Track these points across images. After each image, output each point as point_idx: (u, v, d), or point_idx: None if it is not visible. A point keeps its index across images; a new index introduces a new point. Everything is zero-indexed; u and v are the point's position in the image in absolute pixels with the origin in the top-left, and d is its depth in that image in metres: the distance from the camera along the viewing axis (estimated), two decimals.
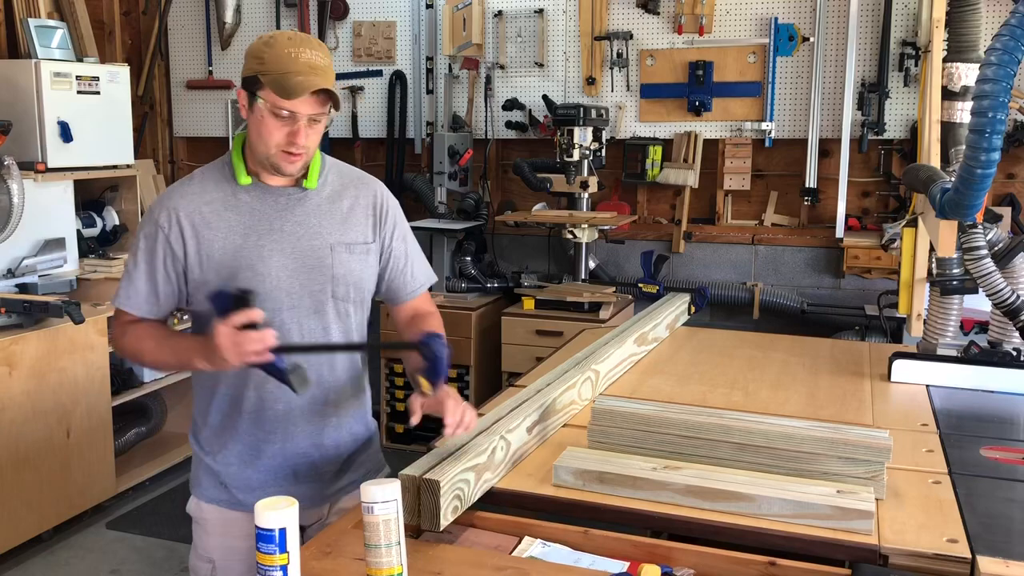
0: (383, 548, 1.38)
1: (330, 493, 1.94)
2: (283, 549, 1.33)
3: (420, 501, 1.54)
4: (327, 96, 1.73)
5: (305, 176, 1.84)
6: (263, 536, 1.33)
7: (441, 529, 1.55)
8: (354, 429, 1.97)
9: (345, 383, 1.93)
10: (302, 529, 1.94)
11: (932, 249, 2.91)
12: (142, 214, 4.79)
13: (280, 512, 1.34)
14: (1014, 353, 2.48)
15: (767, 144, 4.64)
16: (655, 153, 4.71)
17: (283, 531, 1.33)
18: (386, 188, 2.01)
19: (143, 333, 1.83)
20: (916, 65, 4.29)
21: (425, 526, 1.55)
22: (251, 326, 1.63)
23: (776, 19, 4.52)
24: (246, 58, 1.76)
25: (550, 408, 2.02)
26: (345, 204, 1.89)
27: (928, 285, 2.96)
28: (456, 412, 1.69)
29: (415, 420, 1.70)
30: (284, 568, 1.34)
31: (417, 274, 2.00)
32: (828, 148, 4.58)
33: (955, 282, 2.82)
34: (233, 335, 1.62)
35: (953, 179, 2.34)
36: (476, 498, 1.68)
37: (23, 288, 3.85)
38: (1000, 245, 2.78)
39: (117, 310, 1.87)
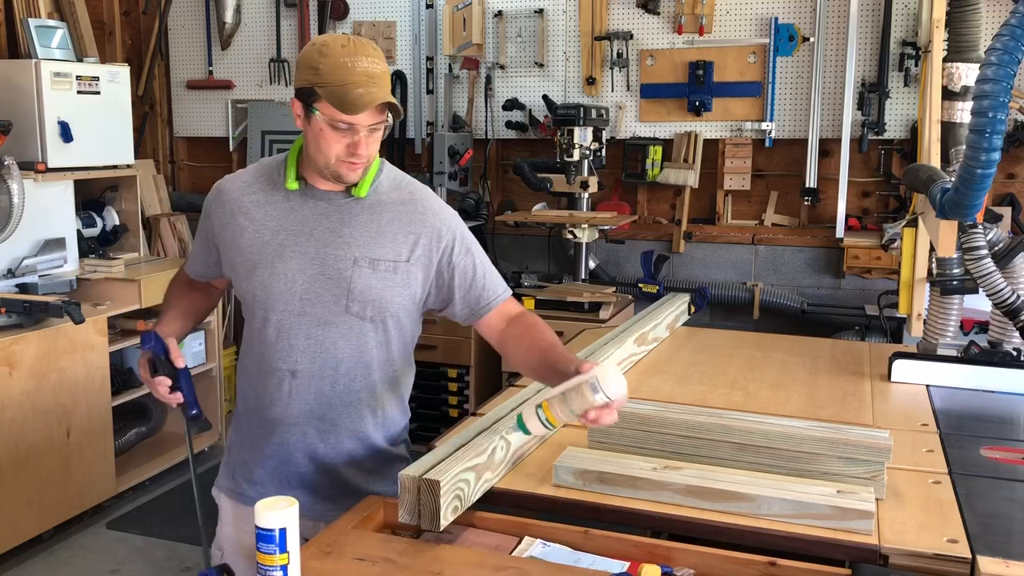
0: (568, 411, 1.52)
1: (324, 511, 1.85)
2: (283, 549, 1.33)
3: (420, 501, 1.54)
4: (387, 105, 1.69)
5: (356, 183, 1.78)
6: (263, 536, 1.33)
7: (441, 529, 1.55)
8: (355, 452, 1.88)
9: (350, 403, 1.85)
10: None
11: (932, 249, 2.91)
12: (142, 214, 4.80)
13: (280, 512, 1.33)
14: (1014, 353, 2.48)
15: (767, 144, 4.64)
16: (655, 153, 4.71)
17: (283, 531, 1.33)
18: (442, 204, 1.90)
19: (168, 292, 2.03)
20: (916, 65, 4.29)
21: (425, 526, 1.55)
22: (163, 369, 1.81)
23: (776, 19, 4.52)
24: (299, 67, 1.72)
25: None
26: (385, 217, 1.80)
27: (928, 285, 2.96)
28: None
29: None
30: (284, 568, 1.34)
31: (491, 288, 1.89)
32: (828, 148, 4.58)
33: (955, 282, 2.82)
34: (147, 378, 1.82)
35: (953, 179, 2.34)
36: (476, 498, 1.68)
37: (23, 288, 3.85)
38: (1000, 245, 2.78)
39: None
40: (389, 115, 1.72)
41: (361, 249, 1.78)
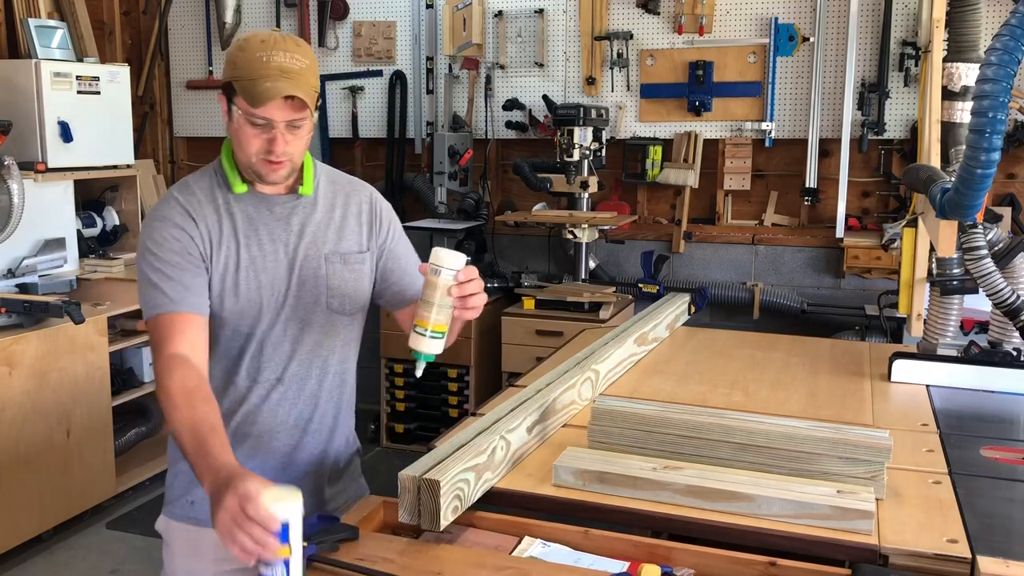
0: (435, 306, 1.59)
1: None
2: (285, 541, 1.29)
3: (420, 501, 1.54)
4: (302, 101, 1.65)
5: (300, 182, 1.78)
6: None
7: (441, 529, 1.55)
8: (334, 451, 1.91)
9: (335, 400, 1.88)
10: None
11: (932, 249, 2.91)
12: (142, 214, 4.80)
13: (284, 504, 1.30)
14: (1014, 353, 2.48)
15: (767, 144, 4.64)
16: (655, 153, 4.71)
17: (286, 525, 1.30)
18: (377, 192, 1.95)
19: (186, 391, 1.57)
20: (916, 65, 4.29)
21: (425, 526, 1.55)
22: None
23: (776, 19, 4.52)
24: (224, 64, 1.72)
25: (550, 408, 2.02)
26: (338, 213, 1.83)
27: (928, 285, 2.96)
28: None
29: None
30: (287, 562, 1.31)
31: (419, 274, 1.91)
32: (828, 148, 4.58)
33: (955, 282, 2.82)
34: (240, 513, 1.28)
35: (953, 179, 2.34)
36: (476, 498, 1.68)
37: (23, 288, 3.85)
38: (1000, 245, 2.78)
39: (153, 326, 1.64)
40: (314, 114, 1.70)
41: (329, 246, 1.80)
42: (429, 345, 1.64)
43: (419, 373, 1.74)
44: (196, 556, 1.81)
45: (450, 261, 1.59)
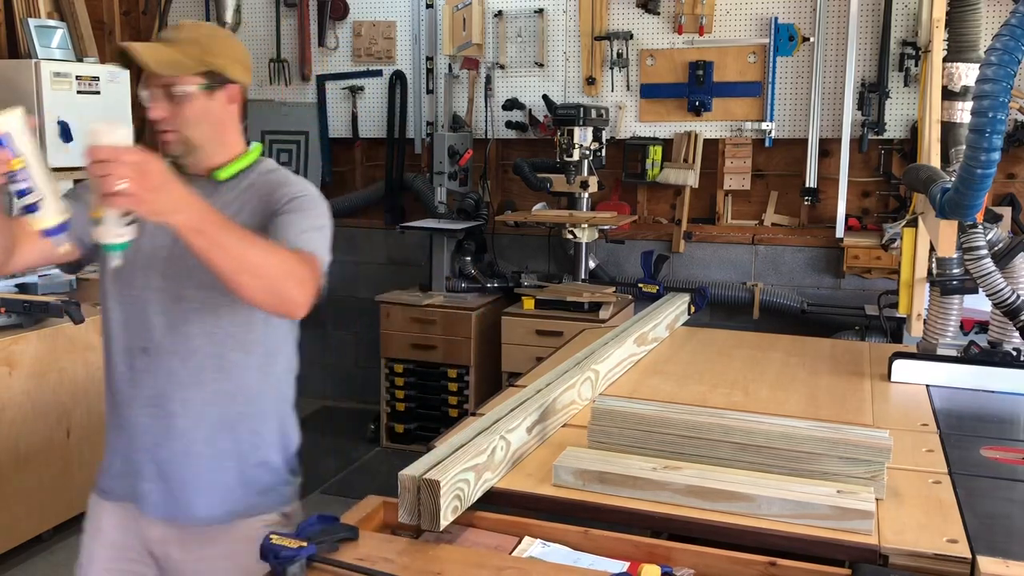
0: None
1: (182, 515, 1.82)
2: (14, 153, 1.44)
3: (420, 501, 1.54)
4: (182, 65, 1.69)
5: (220, 168, 1.79)
6: None
7: (441, 529, 1.55)
8: (193, 458, 1.82)
9: (192, 402, 1.79)
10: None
11: (932, 249, 2.91)
12: None
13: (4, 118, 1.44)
14: (1014, 353, 2.48)
15: (767, 144, 4.64)
16: (655, 153, 4.71)
17: (4, 137, 1.43)
18: (310, 188, 1.82)
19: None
20: (916, 65, 4.29)
21: (425, 526, 1.55)
22: None
23: (776, 19, 4.53)
24: None
25: (550, 408, 2.02)
26: (245, 197, 1.79)
27: (928, 285, 2.96)
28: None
29: None
30: (24, 171, 1.44)
31: (285, 228, 1.72)
32: (828, 148, 4.58)
33: (955, 282, 2.82)
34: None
35: (953, 179, 2.34)
36: (476, 498, 1.68)
37: (23, 288, 3.85)
38: (1000, 245, 2.78)
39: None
40: (202, 80, 1.71)
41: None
42: (110, 233, 1.45)
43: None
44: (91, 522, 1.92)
45: (104, 138, 1.41)
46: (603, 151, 4.67)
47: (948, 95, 3.01)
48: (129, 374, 1.80)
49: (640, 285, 3.19)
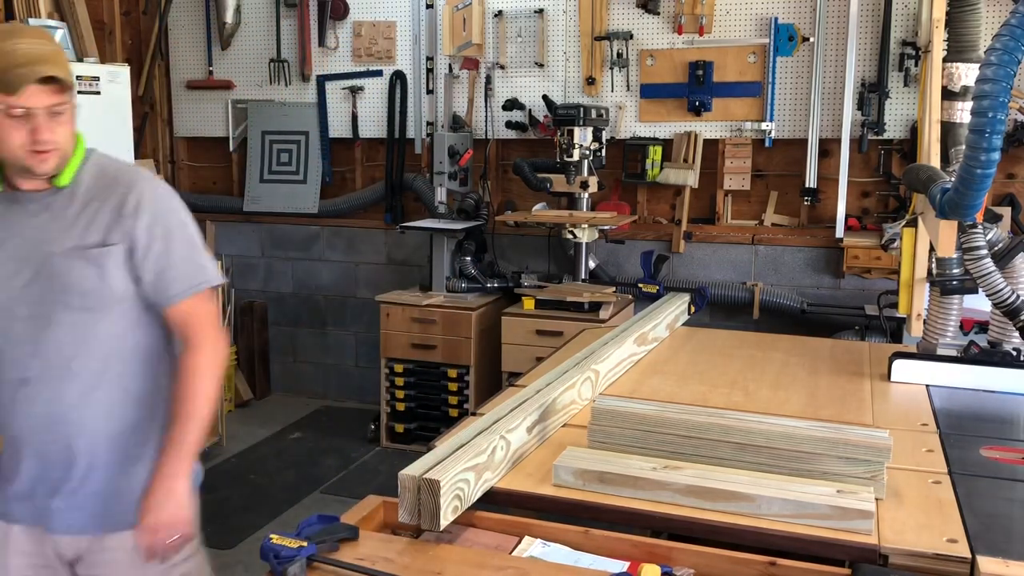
0: None
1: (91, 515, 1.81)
2: None
3: (420, 500, 1.54)
4: (59, 84, 1.66)
5: (58, 174, 1.74)
6: None
7: (441, 529, 1.55)
8: (113, 463, 1.82)
9: (96, 407, 1.79)
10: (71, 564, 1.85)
11: (932, 249, 2.91)
12: None
13: None
14: (1014, 353, 2.48)
15: (767, 144, 4.64)
16: (655, 153, 4.71)
17: None
18: (153, 184, 1.84)
19: None
20: (916, 65, 4.29)
21: (425, 526, 1.55)
22: None
23: (776, 19, 4.53)
24: None
25: (550, 408, 2.02)
26: (93, 205, 1.76)
27: (928, 285, 2.96)
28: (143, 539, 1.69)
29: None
30: None
31: (177, 277, 1.78)
32: (828, 148, 4.58)
33: (955, 282, 2.82)
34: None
35: (953, 179, 2.34)
36: (476, 498, 1.68)
37: None
38: (1000, 245, 2.78)
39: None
40: (73, 96, 1.70)
41: (72, 240, 1.73)
42: None
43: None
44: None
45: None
46: (603, 151, 4.67)
47: (948, 95, 3.01)
48: (13, 407, 1.77)
49: (640, 285, 3.19)
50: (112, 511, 1.81)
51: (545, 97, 4.80)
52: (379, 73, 5.22)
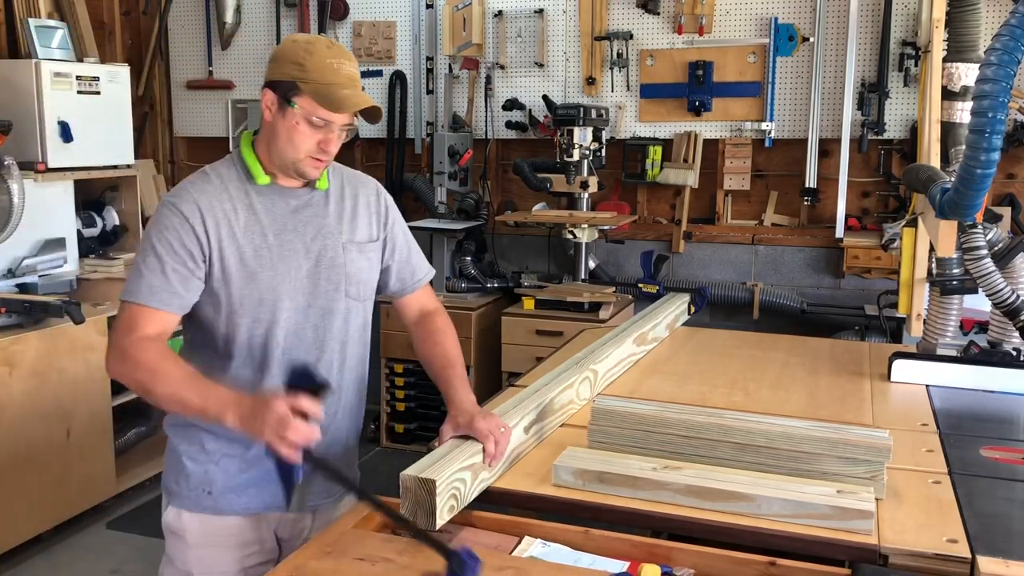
0: None
1: (313, 497, 1.88)
2: None
3: (418, 500, 1.54)
4: (370, 113, 1.77)
5: (315, 180, 1.86)
6: None
7: (437, 528, 1.55)
8: (347, 436, 2.00)
9: (353, 381, 1.97)
10: (280, 542, 1.92)
11: (932, 249, 2.91)
12: (142, 214, 4.79)
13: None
14: (1014, 353, 2.48)
15: (767, 144, 4.64)
16: (655, 153, 4.71)
17: None
18: (381, 185, 2.03)
19: (166, 357, 1.69)
20: (916, 65, 4.29)
21: (421, 525, 1.55)
22: (304, 417, 1.54)
23: (776, 19, 4.52)
24: (279, 61, 1.74)
25: (547, 408, 2.02)
26: (348, 204, 1.91)
27: (928, 285, 2.96)
28: (490, 441, 1.70)
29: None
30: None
31: (421, 265, 2.05)
32: (828, 148, 4.58)
33: (955, 282, 2.82)
34: (287, 416, 1.51)
35: (953, 179, 2.34)
36: (473, 497, 1.68)
37: (23, 288, 3.85)
38: (1000, 245, 2.78)
39: (132, 311, 1.72)
40: (355, 120, 1.78)
41: (345, 235, 1.88)
42: None
43: None
44: (215, 545, 1.85)
45: None
46: (603, 151, 4.66)
47: (948, 95, 3.01)
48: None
49: (640, 285, 3.19)
50: (309, 507, 1.91)
51: (545, 97, 4.80)
52: (379, 73, 5.22)
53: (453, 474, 1.58)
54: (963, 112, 2.95)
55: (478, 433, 1.70)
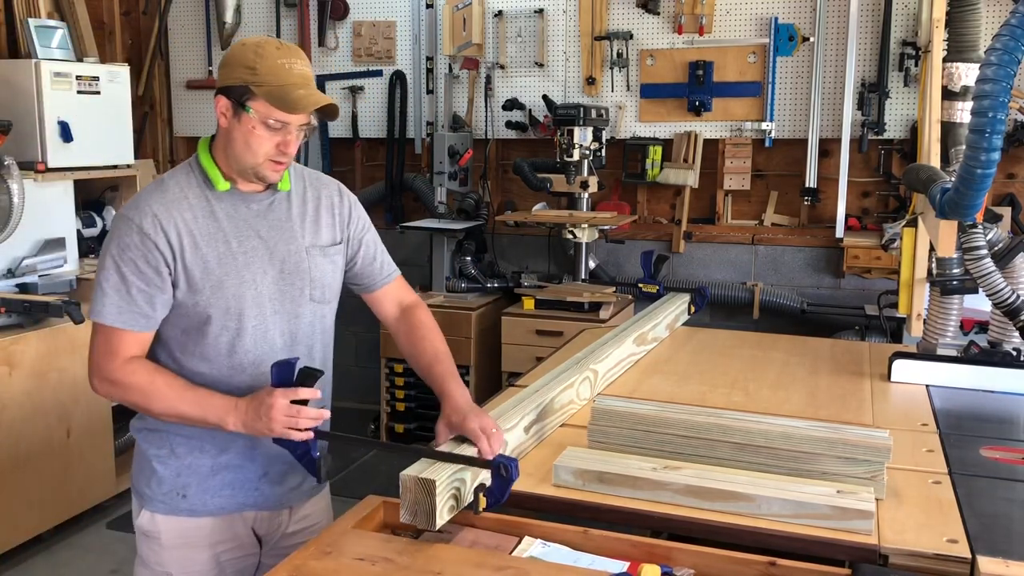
0: None
1: (287, 494, 1.92)
2: None
3: (417, 500, 1.54)
4: (326, 111, 1.75)
5: (275, 183, 1.84)
6: None
7: (437, 528, 1.55)
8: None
9: (321, 385, 1.93)
10: (260, 540, 1.92)
11: (932, 249, 2.91)
12: None
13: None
14: (1014, 353, 2.48)
15: (767, 144, 4.64)
16: (655, 153, 4.71)
17: None
18: (343, 185, 2.02)
19: (155, 374, 1.73)
20: (916, 65, 4.29)
21: (421, 525, 1.55)
22: (303, 403, 1.65)
23: (776, 19, 4.52)
24: (230, 66, 1.73)
25: (548, 408, 2.02)
26: (311, 206, 1.89)
27: (928, 285, 2.96)
28: (483, 441, 1.68)
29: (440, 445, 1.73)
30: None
31: (387, 262, 2.05)
32: (828, 148, 4.58)
33: (955, 282, 2.82)
34: (288, 407, 1.62)
35: (953, 179, 2.34)
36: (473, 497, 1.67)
37: (23, 288, 3.85)
38: (1000, 245, 2.78)
39: (106, 333, 1.72)
40: (313, 118, 1.76)
41: (308, 239, 1.87)
42: None
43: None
44: (191, 546, 1.85)
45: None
46: (603, 151, 4.66)
47: (948, 95, 3.01)
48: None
49: (640, 285, 3.19)
50: (283, 503, 1.95)
51: (545, 97, 4.80)
52: (379, 73, 5.22)
53: (453, 474, 1.58)
54: (963, 112, 2.95)
55: (470, 433, 1.70)
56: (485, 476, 1.65)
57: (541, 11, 4.85)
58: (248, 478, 1.86)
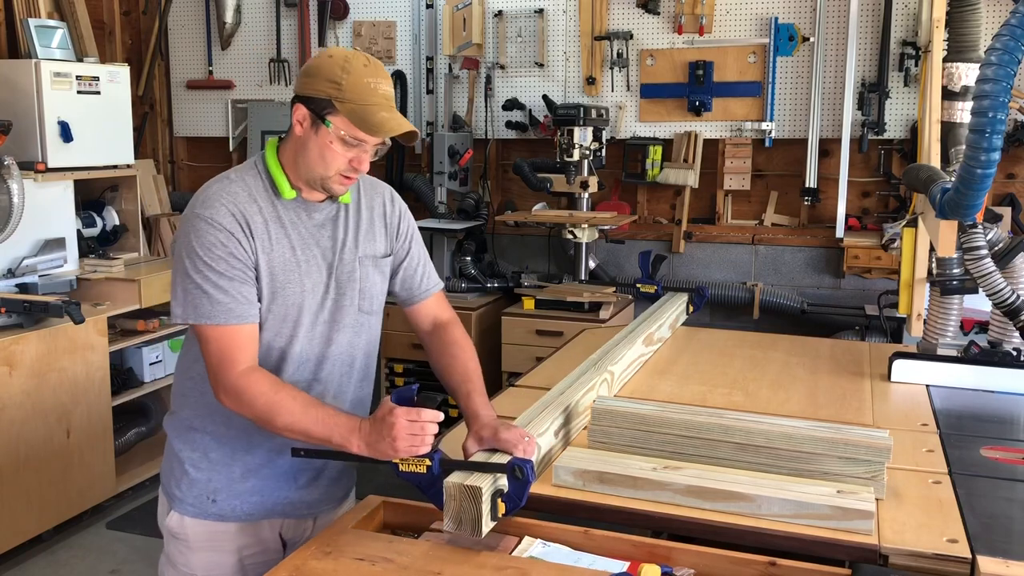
0: None
1: (315, 503, 1.92)
2: None
3: (463, 508, 1.53)
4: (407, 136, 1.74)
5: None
6: None
7: (483, 536, 1.54)
8: None
9: (360, 398, 1.94)
10: (285, 544, 1.92)
11: (932, 249, 2.91)
12: (142, 214, 4.80)
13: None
14: (1014, 353, 2.48)
15: (767, 144, 4.64)
16: (655, 153, 4.71)
17: None
18: (394, 190, 2.01)
19: (278, 387, 1.68)
20: (916, 65, 4.29)
21: (467, 533, 1.53)
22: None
23: (776, 19, 4.52)
24: (314, 76, 1.69)
25: (573, 411, 2.01)
26: (365, 215, 1.89)
27: (928, 285, 2.96)
28: (519, 449, 1.67)
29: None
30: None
31: (431, 275, 2.02)
32: (828, 148, 4.58)
33: (955, 282, 2.82)
34: (412, 425, 1.57)
35: (953, 179, 2.34)
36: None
37: (23, 288, 3.85)
38: (1000, 245, 2.78)
39: (215, 336, 1.68)
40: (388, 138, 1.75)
41: (361, 249, 1.86)
42: None
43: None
44: (218, 550, 1.85)
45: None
46: (603, 151, 4.66)
47: (948, 95, 3.01)
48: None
49: (638, 285, 3.18)
50: (311, 510, 1.95)
51: (545, 97, 4.80)
52: None
53: (494, 482, 1.57)
54: (963, 112, 2.95)
55: (506, 444, 1.67)
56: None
57: (541, 11, 4.85)
58: (278, 486, 1.86)
